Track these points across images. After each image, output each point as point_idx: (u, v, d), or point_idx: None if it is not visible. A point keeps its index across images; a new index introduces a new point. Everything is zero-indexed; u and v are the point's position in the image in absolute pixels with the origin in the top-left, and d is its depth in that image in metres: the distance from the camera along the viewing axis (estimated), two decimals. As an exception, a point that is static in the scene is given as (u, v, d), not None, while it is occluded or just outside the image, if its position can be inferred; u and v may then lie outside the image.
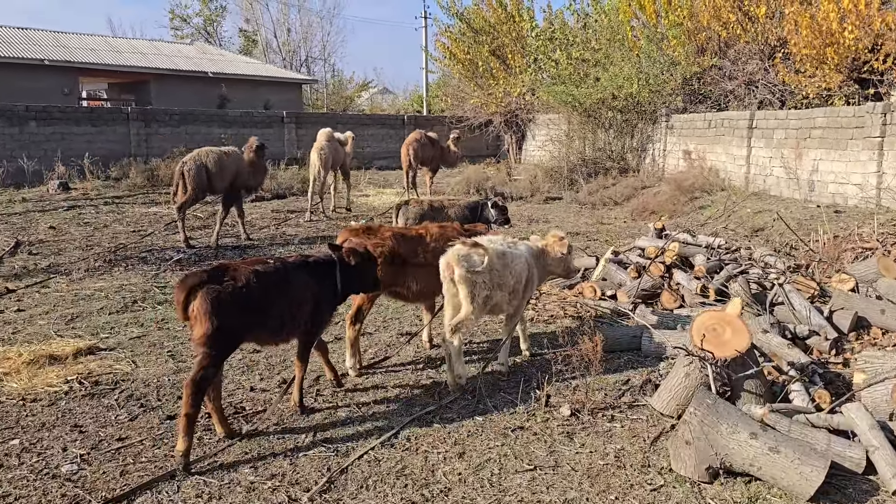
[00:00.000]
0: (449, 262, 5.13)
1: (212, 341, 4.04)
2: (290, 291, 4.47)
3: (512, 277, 5.38)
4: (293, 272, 4.55)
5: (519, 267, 5.46)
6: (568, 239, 6.08)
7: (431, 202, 9.32)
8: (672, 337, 5.60)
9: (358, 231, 5.52)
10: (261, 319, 4.32)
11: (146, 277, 9.13)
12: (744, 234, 12.25)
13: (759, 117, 16.35)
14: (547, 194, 19.10)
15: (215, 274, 4.18)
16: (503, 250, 5.38)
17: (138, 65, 31.60)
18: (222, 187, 11.96)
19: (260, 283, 4.25)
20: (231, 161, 11.97)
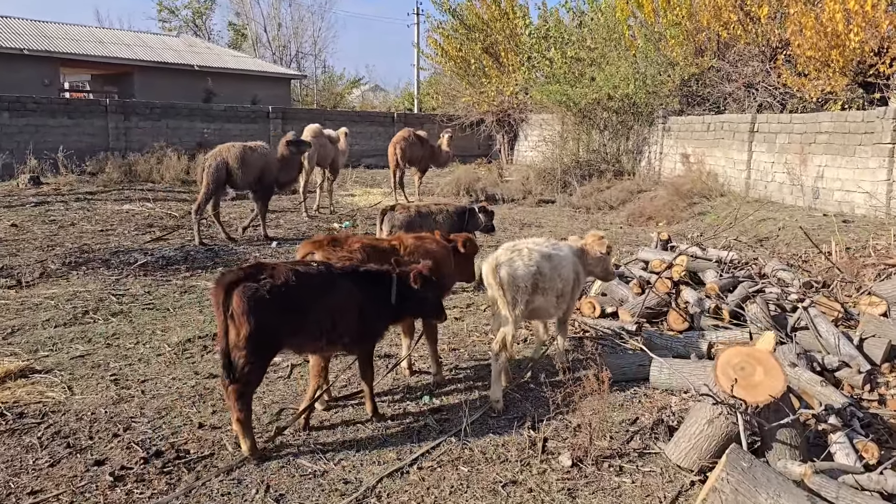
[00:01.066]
0: (492, 268, 4.86)
1: (252, 343, 3.90)
2: (331, 297, 4.26)
3: (560, 281, 5.18)
4: (337, 278, 4.34)
5: (566, 270, 5.27)
6: (608, 238, 5.79)
7: (419, 207, 8.61)
8: (686, 369, 4.92)
9: (322, 243, 4.81)
10: (298, 323, 4.13)
11: (105, 284, 8.37)
12: (748, 243, 11.59)
13: (761, 121, 15.73)
14: (539, 197, 18.42)
15: (252, 272, 4.00)
16: (549, 252, 5.17)
17: (122, 56, 30.72)
18: (246, 183, 11.70)
19: (299, 285, 4.07)
20: (257, 156, 11.69)
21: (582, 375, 4.80)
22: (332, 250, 4.74)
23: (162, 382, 5.23)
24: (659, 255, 7.49)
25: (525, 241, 5.24)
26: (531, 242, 5.19)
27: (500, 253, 5.03)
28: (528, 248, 5.05)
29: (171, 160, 19.18)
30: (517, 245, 5.12)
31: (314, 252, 4.75)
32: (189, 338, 6.26)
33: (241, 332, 3.86)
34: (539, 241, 5.27)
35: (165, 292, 8.01)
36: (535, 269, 4.95)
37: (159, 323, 6.79)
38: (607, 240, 5.80)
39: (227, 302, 3.86)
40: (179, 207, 15.11)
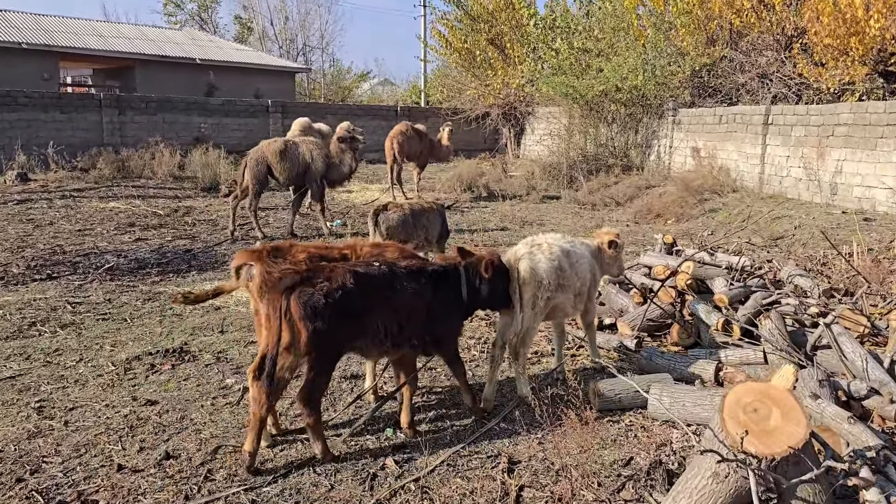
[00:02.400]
0: (511, 264, 4.72)
1: (312, 348, 3.80)
2: (395, 298, 4.09)
3: (577, 279, 5.05)
4: (402, 277, 4.16)
5: (583, 267, 5.12)
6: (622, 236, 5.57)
7: (412, 206, 7.96)
8: (689, 398, 4.25)
9: (261, 253, 4.16)
10: (359, 326, 3.99)
11: (66, 290, 7.78)
12: (762, 245, 10.87)
13: (776, 112, 14.96)
14: (544, 193, 17.73)
15: (310, 276, 3.86)
16: (568, 248, 5.03)
17: (122, 50, 30.17)
18: (288, 178, 11.50)
19: (359, 287, 3.91)
20: (302, 151, 11.41)
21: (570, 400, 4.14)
22: (272, 261, 4.10)
23: (92, 410, 4.61)
24: (663, 261, 6.80)
25: (544, 236, 5.08)
26: (550, 237, 5.05)
27: (519, 247, 4.89)
28: (549, 243, 4.92)
29: (163, 156, 18.57)
30: (536, 240, 4.99)
31: (251, 264, 4.10)
32: (138, 354, 5.64)
33: (300, 338, 3.77)
34: (557, 237, 5.12)
35: (128, 300, 7.41)
36: (557, 264, 4.82)
37: (111, 336, 6.18)
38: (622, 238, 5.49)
39: (285, 306, 3.74)
40: (167, 205, 14.54)
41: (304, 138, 12.17)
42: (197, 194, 16.63)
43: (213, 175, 17.68)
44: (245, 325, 6.55)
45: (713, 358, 5.12)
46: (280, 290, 3.78)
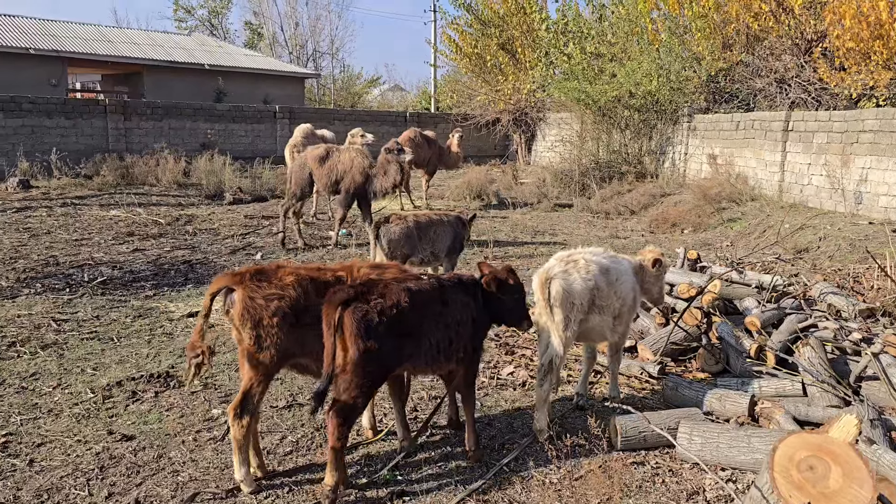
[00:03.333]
0: (541, 282, 4.28)
1: (359, 367, 3.57)
2: (448, 312, 4.00)
3: (617, 299, 4.59)
4: (451, 290, 4.08)
5: (625, 287, 4.66)
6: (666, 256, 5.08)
7: (417, 217, 7.52)
8: (723, 439, 3.79)
9: (242, 277, 3.73)
10: (413, 344, 3.82)
11: (54, 305, 7.39)
12: (785, 254, 10.37)
13: (797, 118, 14.46)
14: (556, 200, 17.26)
15: (363, 291, 3.67)
16: (607, 265, 4.59)
17: (130, 55, 30.00)
18: (325, 186, 11.22)
19: (413, 303, 3.75)
20: (343, 159, 11.08)
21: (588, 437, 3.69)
22: (255, 286, 3.67)
23: (62, 447, 4.20)
24: (686, 278, 6.33)
25: (581, 250, 4.66)
26: (588, 252, 4.61)
27: (553, 264, 4.45)
28: (585, 259, 4.49)
29: (167, 162, 18.24)
30: (572, 255, 4.53)
31: (232, 289, 3.68)
32: (120, 379, 5.23)
33: (347, 356, 3.55)
34: (597, 252, 4.69)
35: (117, 316, 7.01)
36: (593, 284, 4.38)
37: (94, 358, 5.77)
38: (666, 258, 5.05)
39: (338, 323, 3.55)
40: (168, 213, 14.18)
41: (350, 146, 11.79)
42: (201, 202, 16.28)
43: (218, 182, 17.33)
44: (238, 345, 6.13)
45: (746, 389, 4.66)
46: (335, 306, 3.57)
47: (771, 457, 2.74)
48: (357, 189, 11.06)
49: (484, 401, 5.00)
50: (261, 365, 3.67)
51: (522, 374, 5.44)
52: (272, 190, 17.59)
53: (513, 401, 4.94)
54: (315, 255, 10.63)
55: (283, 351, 3.70)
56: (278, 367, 3.79)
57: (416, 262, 7.29)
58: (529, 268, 9.94)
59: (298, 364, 3.91)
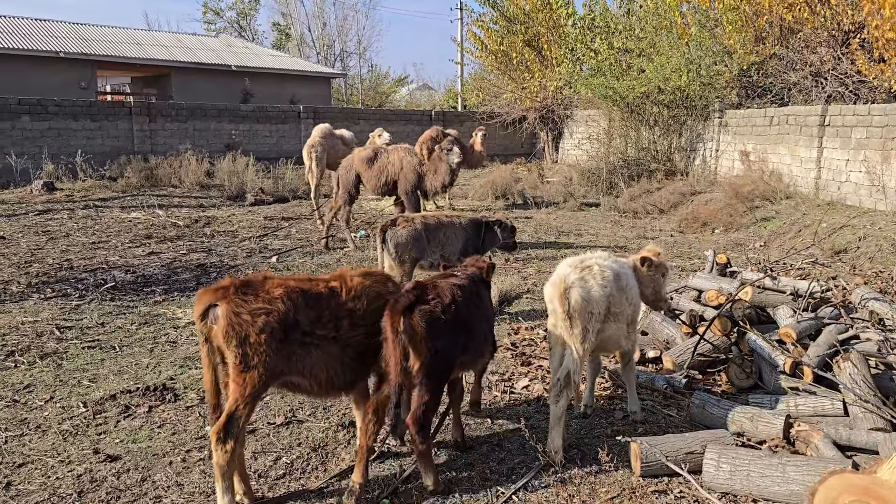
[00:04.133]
0: (560, 291, 3.97)
1: (432, 369, 3.64)
2: (483, 304, 4.21)
3: (629, 305, 4.39)
4: (479, 283, 4.27)
5: (634, 291, 4.48)
6: (664, 257, 4.87)
7: (426, 219, 7.19)
8: (755, 468, 3.42)
9: (226, 291, 3.44)
10: (469, 337, 3.95)
11: (60, 311, 7.22)
12: (822, 256, 9.87)
13: (833, 113, 13.85)
14: (582, 200, 16.84)
15: (420, 294, 3.73)
16: (618, 270, 4.34)
17: (158, 57, 30.19)
18: (375, 187, 11.00)
19: (463, 297, 3.90)
20: (392, 160, 10.85)
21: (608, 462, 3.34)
22: (241, 300, 3.39)
23: (43, 468, 3.97)
24: (715, 284, 5.92)
25: (591, 255, 4.38)
26: (598, 257, 4.33)
27: (567, 271, 4.12)
28: (599, 265, 4.20)
29: (189, 164, 18.17)
30: (585, 261, 4.25)
31: (217, 304, 3.40)
32: (115, 392, 5.00)
33: (420, 359, 3.58)
34: (604, 256, 4.41)
35: (122, 323, 6.81)
36: (609, 290, 4.13)
37: (92, 369, 5.57)
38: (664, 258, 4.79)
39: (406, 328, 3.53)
40: (188, 215, 14.06)
41: (398, 146, 11.54)
42: (222, 203, 16.17)
43: (240, 183, 17.22)
44: (243, 354, 5.88)
45: (780, 408, 4.26)
46: (399, 312, 3.55)
47: (810, 501, 2.38)
48: (413, 188, 10.80)
49: (495, 417, 4.67)
50: (247, 385, 3.39)
51: (538, 387, 5.09)
52: (294, 191, 17.44)
53: (526, 417, 4.59)
54: (332, 258, 10.39)
55: (272, 369, 3.42)
56: (266, 386, 3.51)
57: (426, 267, 6.98)
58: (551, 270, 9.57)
59: (289, 382, 3.63)
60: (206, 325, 3.41)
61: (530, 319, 7.12)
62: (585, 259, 4.23)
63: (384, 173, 10.82)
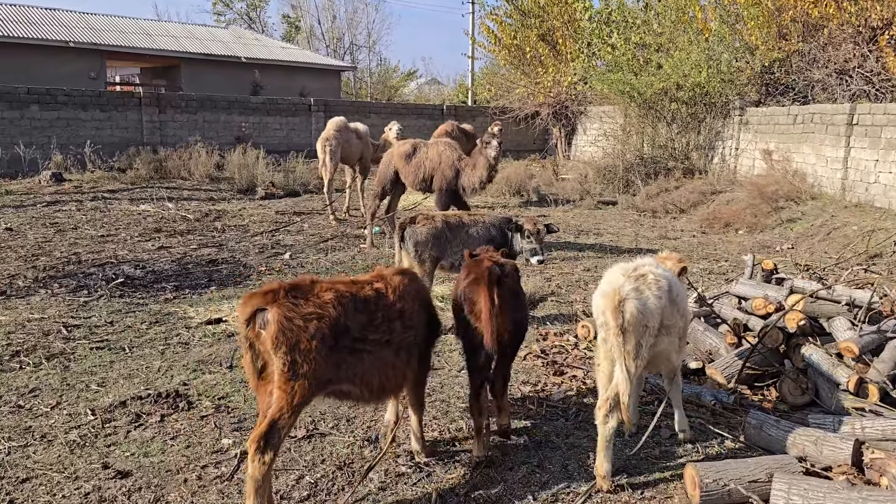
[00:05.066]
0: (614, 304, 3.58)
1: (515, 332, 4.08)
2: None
3: (681, 317, 4.04)
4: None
5: (685, 302, 4.15)
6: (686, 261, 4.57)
7: (447, 218, 6.86)
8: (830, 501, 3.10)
9: (276, 295, 3.14)
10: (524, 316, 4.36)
11: (68, 308, 6.94)
12: (855, 261, 9.50)
13: (862, 111, 13.46)
14: (599, 198, 16.49)
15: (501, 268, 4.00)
16: (670, 279, 3.95)
17: (168, 48, 29.90)
18: (413, 183, 10.61)
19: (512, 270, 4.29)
20: (431, 155, 10.37)
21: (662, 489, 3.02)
22: (292, 304, 3.09)
23: (48, 484, 3.67)
24: (760, 291, 5.58)
25: (643, 262, 3.95)
26: (651, 265, 3.92)
27: (620, 280, 3.72)
28: (654, 274, 3.81)
29: (200, 156, 17.87)
30: (637, 269, 3.84)
31: (265, 309, 3.10)
32: (125, 399, 4.70)
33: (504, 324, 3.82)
34: (654, 263, 4.01)
35: (132, 322, 6.52)
36: (664, 302, 3.78)
37: (101, 371, 5.27)
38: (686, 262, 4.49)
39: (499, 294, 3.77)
40: (198, 208, 13.79)
41: (438, 140, 11.16)
42: (233, 196, 15.90)
43: (251, 177, 16.93)
44: (259, 358, 5.58)
45: (845, 430, 3.93)
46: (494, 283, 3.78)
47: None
48: (449, 185, 10.30)
49: (533, 434, 4.35)
50: (294, 394, 3.11)
51: (575, 400, 4.77)
52: (305, 184, 17.14)
53: (566, 435, 4.28)
54: (346, 255, 10.08)
55: (321, 378, 3.16)
56: (313, 396, 3.25)
57: (447, 267, 6.64)
58: (574, 271, 9.26)
59: (338, 391, 3.37)
60: (252, 329, 3.12)
61: (558, 323, 6.80)
62: (639, 267, 3.85)
63: (422, 168, 10.40)
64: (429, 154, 10.44)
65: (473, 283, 3.83)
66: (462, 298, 3.91)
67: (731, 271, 9.31)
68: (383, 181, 10.77)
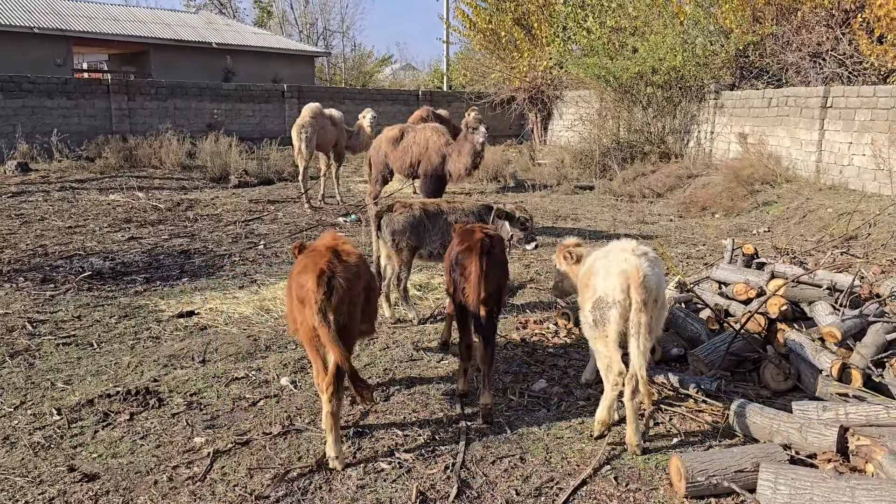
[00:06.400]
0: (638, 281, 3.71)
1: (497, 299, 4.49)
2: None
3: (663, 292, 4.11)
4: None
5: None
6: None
7: (425, 206, 6.71)
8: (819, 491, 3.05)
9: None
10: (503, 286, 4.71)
11: (35, 302, 6.71)
12: (831, 243, 9.54)
13: (836, 94, 13.51)
14: (576, 182, 16.43)
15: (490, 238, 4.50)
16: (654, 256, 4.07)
17: (136, 34, 29.26)
18: (401, 169, 10.50)
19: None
20: (418, 139, 10.19)
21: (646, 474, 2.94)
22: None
23: (10, 489, 3.50)
24: (741, 276, 5.53)
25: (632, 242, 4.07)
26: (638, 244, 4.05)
27: (634, 259, 3.84)
28: (649, 253, 4.00)
29: (171, 144, 17.51)
30: (636, 249, 3.96)
31: None
32: (92, 397, 4.54)
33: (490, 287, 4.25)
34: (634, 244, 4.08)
35: (100, 316, 6.32)
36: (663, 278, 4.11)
37: (68, 368, 5.09)
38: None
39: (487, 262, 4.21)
40: (170, 197, 13.50)
41: (426, 124, 10.96)
42: (205, 185, 15.60)
43: (223, 165, 16.62)
44: (233, 352, 5.43)
45: (828, 416, 3.89)
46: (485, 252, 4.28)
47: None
48: (435, 171, 10.12)
49: (514, 424, 4.26)
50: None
51: (557, 390, 4.69)
52: (279, 172, 16.88)
53: (548, 425, 4.19)
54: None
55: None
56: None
57: (425, 256, 6.51)
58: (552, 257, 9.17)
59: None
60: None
61: (538, 311, 6.72)
62: (636, 247, 3.96)
63: (409, 154, 10.25)
64: (416, 139, 10.28)
65: (466, 251, 4.31)
66: (455, 262, 4.41)
67: (708, 255, 9.30)
68: (379, 167, 10.64)
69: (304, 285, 3.70)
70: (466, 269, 4.26)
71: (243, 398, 4.59)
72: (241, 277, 7.85)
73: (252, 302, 6.78)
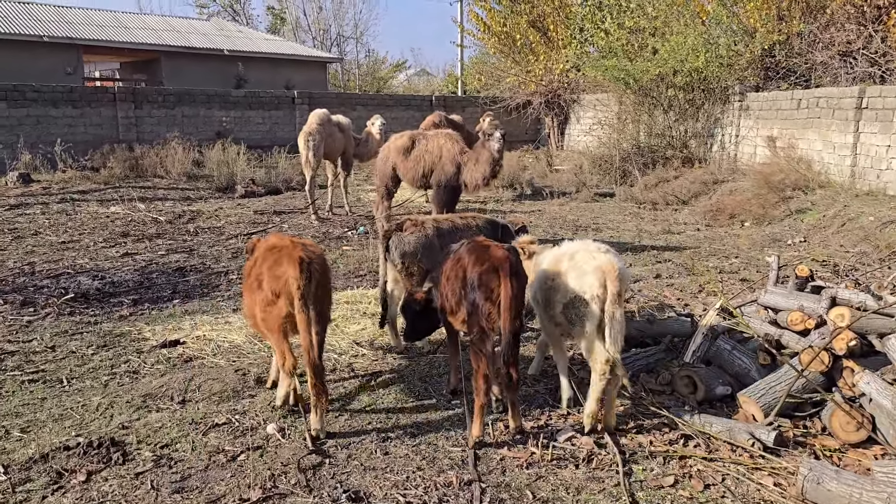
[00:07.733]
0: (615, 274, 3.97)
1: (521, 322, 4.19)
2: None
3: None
4: None
5: None
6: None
7: (438, 223, 6.02)
8: None
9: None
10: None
11: (9, 328, 6.14)
12: (876, 255, 8.80)
13: (872, 94, 12.73)
14: (595, 189, 15.73)
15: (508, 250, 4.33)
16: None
17: (147, 41, 28.94)
18: (411, 179, 9.80)
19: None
20: (431, 148, 9.49)
21: None
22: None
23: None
24: (794, 302, 4.83)
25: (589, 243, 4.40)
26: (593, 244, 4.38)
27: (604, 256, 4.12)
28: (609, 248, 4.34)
29: (176, 153, 17.01)
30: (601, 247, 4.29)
31: None
32: (48, 451, 3.92)
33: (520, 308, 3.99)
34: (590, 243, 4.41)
35: (77, 346, 5.73)
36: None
37: (29, 412, 4.49)
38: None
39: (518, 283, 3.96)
40: (172, 209, 12.97)
41: (439, 131, 10.28)
42: (210, 195, 15.07)
43: (230, 174, 16.12)
44: (217, 389, 4.82)
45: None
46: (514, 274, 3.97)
47: None
48: (449, 182, 9.39)
49: (536, 487, 3.60)
50: None
51: (586, 441, 4.02)
52: (288, 181, 16.32)
53: (577, 489, 3.53)
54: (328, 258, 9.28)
55: None
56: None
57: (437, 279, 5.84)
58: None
59: None
60: None
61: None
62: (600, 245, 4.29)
63: (421, 163, 9.51)
64: (428, 147, 9.57)
65: (490, 272, 3.94)
66: (476, 284, 3.96)
67: (743, 269, 8.58)
68: (384, 179, 10.00)
69: (280, 276, 3.95)
70: (494, 292, 3.92)
71: (221, 450, 3.96)
72: (237, 298, 7.25)
73: (245, 328, 6.16)
